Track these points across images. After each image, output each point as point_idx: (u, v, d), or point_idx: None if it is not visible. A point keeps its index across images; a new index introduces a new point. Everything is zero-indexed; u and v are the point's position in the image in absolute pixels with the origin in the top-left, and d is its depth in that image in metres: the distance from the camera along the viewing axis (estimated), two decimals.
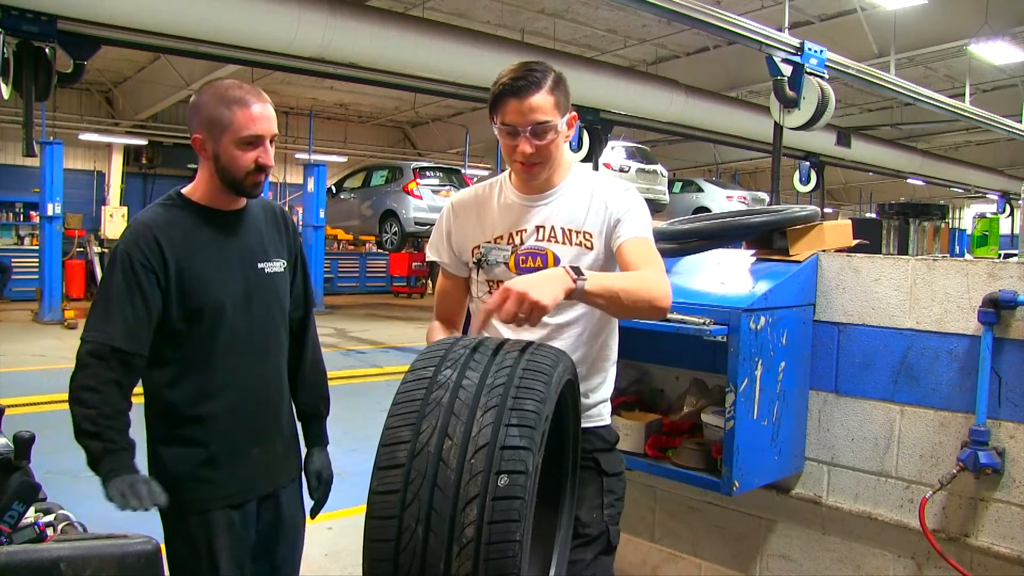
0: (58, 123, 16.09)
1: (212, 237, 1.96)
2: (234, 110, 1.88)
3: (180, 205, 1.97)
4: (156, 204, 1.99)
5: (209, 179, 1.96)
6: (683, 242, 2.94)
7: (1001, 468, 2.48)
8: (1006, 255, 11.70)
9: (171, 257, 1.88)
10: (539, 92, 1.82)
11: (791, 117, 8.19)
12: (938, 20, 11.50)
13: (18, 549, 1.47)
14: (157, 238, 1.88)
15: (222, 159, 1.90)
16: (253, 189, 1.96)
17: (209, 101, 1.90)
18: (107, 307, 1.84)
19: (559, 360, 1.62)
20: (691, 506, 3.23)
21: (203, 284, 1.91)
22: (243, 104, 1.88)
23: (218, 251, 1.96)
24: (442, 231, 2.07)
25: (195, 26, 7.84)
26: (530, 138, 1.84)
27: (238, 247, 1.99)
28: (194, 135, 1.93)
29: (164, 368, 1.93)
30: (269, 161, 1.93)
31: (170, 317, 1.90)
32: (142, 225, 1.91)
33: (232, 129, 1.88)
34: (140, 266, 1.85)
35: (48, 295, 12.70)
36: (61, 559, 1.36)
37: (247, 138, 1.89)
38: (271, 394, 2.06)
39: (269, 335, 2.04)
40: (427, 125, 21.51)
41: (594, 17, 13.23)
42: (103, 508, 1.78)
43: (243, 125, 1.88)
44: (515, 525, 1.39)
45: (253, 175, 1.92)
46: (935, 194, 24.85)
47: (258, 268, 2.01)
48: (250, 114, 1.88)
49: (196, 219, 1.96)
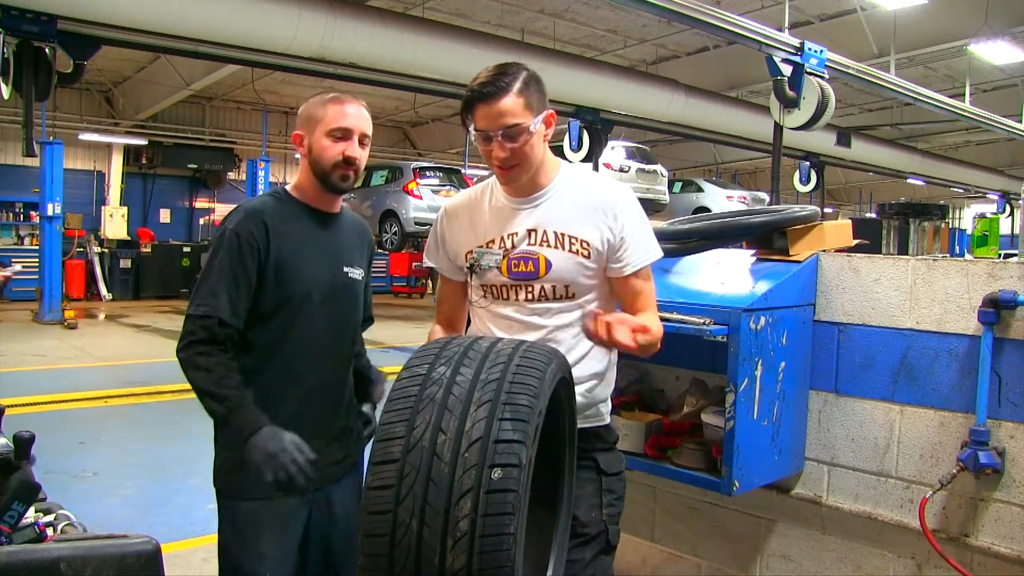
0: (58, 123, 16.08)
1: (311, 232, 2.09)
2: (328, 106, 2.05)
3: (285, 198, 2.12)
4: (264, 194, 2.17)
5: (306, 175, 2.10)
6: (683, 242, 2.94)
7: (1001, 468, 2.48)
8: (1006, 255, 11.71)
9: (274, 242, 2.00)
10: (507, 95, 1.81)
11: (791, 117, 8.20)
12: (938, 20, 11.51)
13: (18, 549, 1.47)
14: (265, 222, 2.01)
15: (314, 151, 2.05)
16: (341, 182, 2.06)
17: (311, 102, 2.10)
18: (215, 282, 1.96)
19: (552, 358, 1.63)
20: (691, 506, 3.23)
21: (297, 272, 2.03)
22: (337, 102, 2.06)
23: (314, 245, 2.09)
24: (436, 237, 2.09)
25: (195, 26, 7.85)
26: (502, 142, 1.84)
27: (331, 246, 2.13)
28: (295, 132, 2.11)
29: (247, 353, 2.02)
30: (356, 154, 2.04)
31: (262, 299, 2.01)
32: (252, 209, 2.05)
33: (324, 122, 2.04)
34: (247, 245, 1.98)
35: (48, 295, 12.70)
36: (61, 559, 1.36)
37: (336, 131, 2.03)
38: (337, 392, 2.15)
39: (344, 334, 2.16)
40: (427, 125, 21.51)
41: (594, 17, 13.23)
42: (103, 508, 1.78)
43: (334, 118, 2.03)
44: (509, 518, 1.40)
45: (341, 167, 2.04)
46: (935, 194, 24.86)
47: (344, 270, 2.14)
48: (342, 110, 2.04)
49: (298, 213, 2.09)
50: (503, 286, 1.96)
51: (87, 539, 1.49)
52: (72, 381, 8.00)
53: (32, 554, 1.39)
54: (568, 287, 1.94)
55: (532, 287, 1.94)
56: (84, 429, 6.29)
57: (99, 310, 14.77)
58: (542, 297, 1.94)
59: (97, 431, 6.36)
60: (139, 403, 7.23)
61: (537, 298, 1.94)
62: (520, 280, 1.94)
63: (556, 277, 1.92)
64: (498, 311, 1.98)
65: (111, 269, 16.43)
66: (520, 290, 1.95)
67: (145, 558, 1.44)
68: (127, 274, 16.49)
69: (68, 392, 7.46)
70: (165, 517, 4.31)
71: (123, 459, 5.51)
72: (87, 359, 9.53)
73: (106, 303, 15.80)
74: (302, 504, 2.05)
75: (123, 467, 5.30)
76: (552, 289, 1.94)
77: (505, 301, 1.97)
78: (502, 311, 1.97)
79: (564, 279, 1.93)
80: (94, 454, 5.62)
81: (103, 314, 14.28)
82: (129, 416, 6.82)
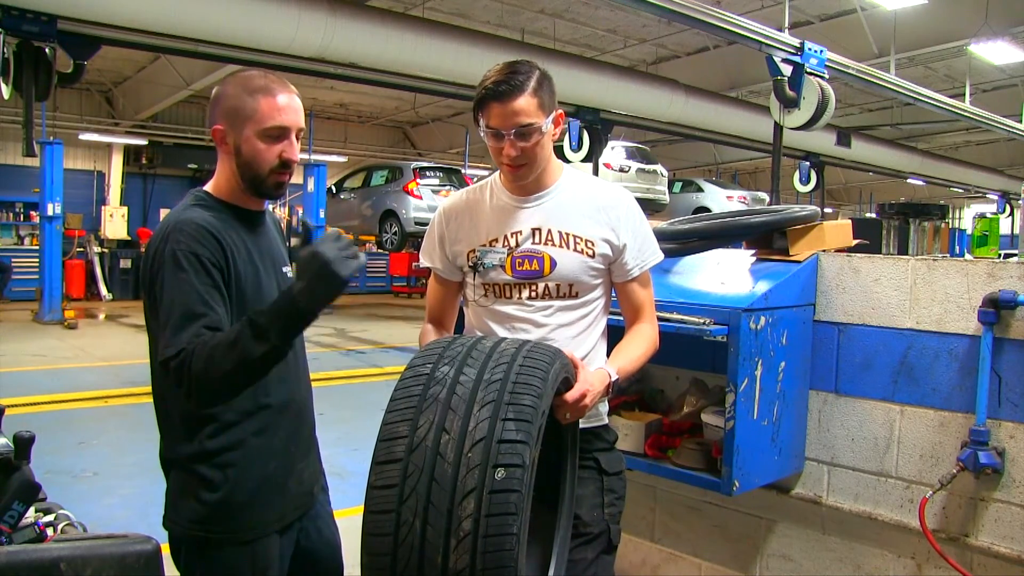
0: (58, 123, 16.08)
1: (247, 238, 1.79)
2: (258, 99, 1.72)
3: (214, 204, 1.78)
4: (191, 205, 1.77)
5: (230, 176, 1.78)
6: (683, 242, 2.94)
7: (1001, 468, 2.48)
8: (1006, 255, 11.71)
9: (231, 259, 1.71)
10: (522, 95, 1.82)
11: (791, 117, 8.19)
12: (938, 20, 11.51)
13: (18, 549, 1.47)
14: (217, 237, 1.69)
15: (244, 153, 1.74)
16: (275, 189, 1.78)
17: (232, 90, 1.74)
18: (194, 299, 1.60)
19: (555, 358, 1.63)
20: (691, 506, 3.23)
21: (256, 289, 1.76)
22: (268, 93, 1.73)
23: (255, 253, 1.80)
24: (434, 237, 2.08)
25: (195, 26, 7.85)
26: (515, 141, 1.85)
27: (268, 250, 1.86)
28: (214, 126, 1.76)
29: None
30: (294, 156, 1.76)
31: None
32: (195, 224, 1.68)
33: (255, 119, 1.72)
34: (210, 264, 1.65)
35: (48, 295, 12.69)
36: (61, 559, 1.36)
37: (271, 130, 1.72)
38: (308, 406, 1.95)
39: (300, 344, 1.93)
40: (427, 125, 21.51)
41: (594, 17, 13.23)
42: (103, 508, 1.78)
43: (267, 115, 1.72)
44: (512, 518, 1.40)
45: (276, 172, 1.76)
46: (935, 194, 24.85)
47: (283, 272, 1.89)
48: (275, 103, 1.72)
49: (233, 220, 1.78)
50: (506, 284, 1.96)
51: (87, 539, 1.49)
52: (72, 381, 8.00)
53: (32, 554, 1.39)
54: (572, 286, 1.94)
55: (536, 285, 1.94)
56: (84, 429, 6.29)
57: (99, 310, 14.77)
58: (546, 295, 1.95)
59: (97, 431, 6.35)
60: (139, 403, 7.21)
61: (541, 296, 1.95)
62: (524, 278, 1.94)
63: (561, 276, 1.93)
64: (499, 309, 1.98)
65: (111, 269, 16.43)
66: (523, 288, 1.95)
67: (145, 558, 1.44)
68: (127, 274, 16.48)
69: (68, 392, 7.46)
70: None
71: (123, 459, 5.50)
72: (87, 359, 9.53)
73: (106, 303, 15.80)
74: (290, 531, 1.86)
75: (123, 467, 5.29)
76: (556, 288, 1.94)
77: (507, 299, 1.97)
78: (504, 309, 1.97)
79: (568, 278, 1.94)
80: (94, 454, 5.62)
81: (103, 314, 14.28)
82: (129, 416, 6.81)
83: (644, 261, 2.00)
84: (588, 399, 1.77)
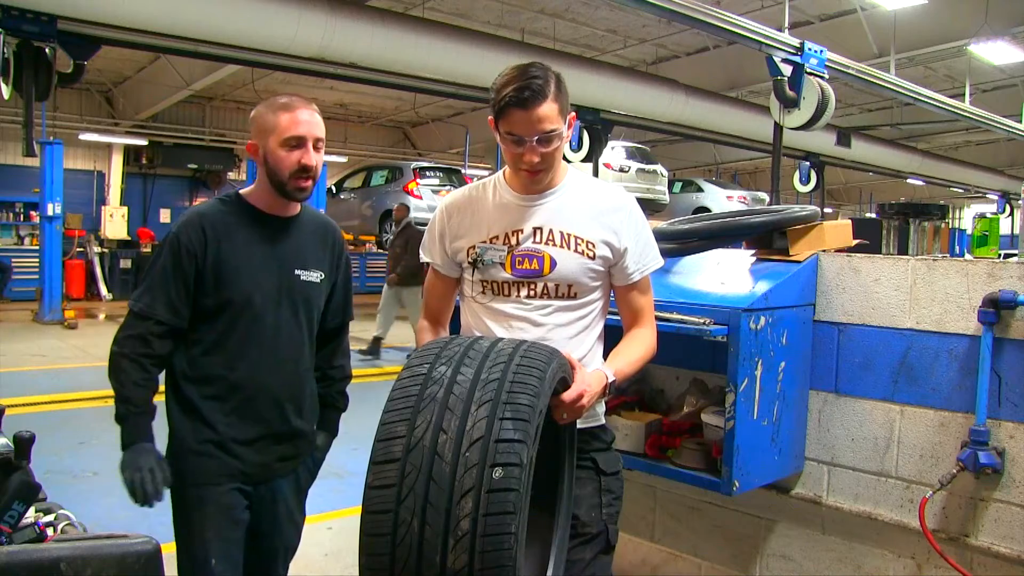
0: (58, 123, 16.06)
1: (256, 236, 2.12)
2: (279, 115, 2.06)
3: (234, 203, 2.16)
4: (215, 199, 2.20)
5: (262, 182, 2.14)
6: (683, 242, 2.94)
7: (1001, 468, 2.48)
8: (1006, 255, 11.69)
9: (212, 246, 2.06)
10: (545, 102, 1.82)
11: (791, 117, 8.19)
12: (938, 20, 11.51)
13: (18, 549, 1.47)
14: (203, 227, 2.07)
15: (270, 161, 2.08)
16: (297, 192, 2.10)
17: (262, 110, 2.12)
18: (154, 282, 2.05)
19: (553, 357, 1.63)
20: (691, 506, 3.23)
21: (236, 276, 2.07)
22: (288, 109, 2.07)
23: (258, 250, 2.11)
24: (435, 233, 2.08)
25: (195, 26, 7.84)
26: (537, 147, 1.84)
27: (279, 250, 2.15)
28: (249, 142, 2.14)
29: (195, 345, 2.09)
30: (310, 161, 2.06)
31: (203, 301, 2.07)
32: (195, 214, 2.12)
33: (277, 132, 2.06)
34: (185, 249, 2.04)
35: (48, 295, 12.67)
36: (61, 559, 1.36)
37: (290, 139, 2.05)
38: (285, 391, 2.17)
39: (293, 336, 2.17)
40: (427, 125, 21.49)
41: (594, 17, 13.22)
42: (103, 508, 1.78)
43: (286, 127, 2.05)
44: (510, 517, 1.40)
45: (296, 177, 2.07)
46: (935, 194, 24.84)
47: (295, 274, 2.16)
48: (294, 117, 2.06)
49: (245, 218, 2.13)
50: (505, 282, 1.96)
51: (87, 539, 1.49)
52: (72, 381, 7.99)
53: (32, 554, 1.40)
54: (571, 286, 1.94)
55: (535, 284, 1.94)
56: (84, 429, 6.28)
57: (99, 310, 14.76)
58: (544, 295, 1.95)
59: (97, 431, 6.33)
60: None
61: (539, 295, 1.95)
62: (524, 277, 1.94)
63: (560, 276, 1.93)
64: (497, 307, 1.98)
65: (111, 269, 16.40)
66: (522, 287, 1.95)
67: (145, 558, 1.44)
68: (127, 274, 16.44)
69: (68, 392, 7.45)
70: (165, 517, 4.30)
71: None
72: (87, 359, 9.52)
73: (106, 303, 15.77)
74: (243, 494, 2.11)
75: None
76: (555, 287, 1.94)
77: (506, 297, 1.97)
78: (501, 307, 1.97)
79: (568, 279, 1.94)
80: (94, 454, 5.61)
81: (103, 314, 14.27)
82: None
83: (645, 266, 2.00)
84: (585, 399, 1.77)
